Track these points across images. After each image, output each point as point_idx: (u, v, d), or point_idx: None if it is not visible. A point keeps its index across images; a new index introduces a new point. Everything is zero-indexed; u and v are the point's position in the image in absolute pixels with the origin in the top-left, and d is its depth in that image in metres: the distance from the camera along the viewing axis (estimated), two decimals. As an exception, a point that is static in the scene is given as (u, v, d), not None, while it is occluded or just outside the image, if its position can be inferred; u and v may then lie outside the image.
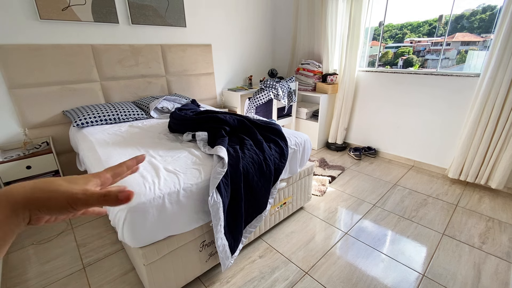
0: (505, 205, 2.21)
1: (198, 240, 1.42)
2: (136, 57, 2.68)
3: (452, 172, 2.55)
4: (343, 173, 2.83)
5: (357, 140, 3.47)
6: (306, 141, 1.95)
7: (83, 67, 2.39)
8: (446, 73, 2.57)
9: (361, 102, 3.29)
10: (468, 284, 1.49)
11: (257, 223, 1.61)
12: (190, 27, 3.07)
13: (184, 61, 3.06)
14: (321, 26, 3.33)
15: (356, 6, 2.89)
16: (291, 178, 1.92)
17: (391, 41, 3.17)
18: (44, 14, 2.13)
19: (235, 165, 1.43)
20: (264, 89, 2.92)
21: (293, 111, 3.42)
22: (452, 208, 2.18)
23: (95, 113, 2.22)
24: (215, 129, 1.76)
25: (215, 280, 1.54)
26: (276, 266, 1.63)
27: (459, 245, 1.78)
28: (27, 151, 2.08)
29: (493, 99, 2.21)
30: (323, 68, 3.44)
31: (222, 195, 1.32)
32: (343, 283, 1.51)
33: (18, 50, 2.07)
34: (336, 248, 1.77)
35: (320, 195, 2.38)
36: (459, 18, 2.57)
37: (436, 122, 2.72)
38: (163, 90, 2.97)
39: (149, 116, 2.50)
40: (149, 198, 1.17)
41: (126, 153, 1.60)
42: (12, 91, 2.11)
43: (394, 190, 2.47)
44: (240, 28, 3.62)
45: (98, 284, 1.52)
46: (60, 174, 2.22)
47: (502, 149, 2.26)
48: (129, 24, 2.60)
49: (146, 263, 1.23)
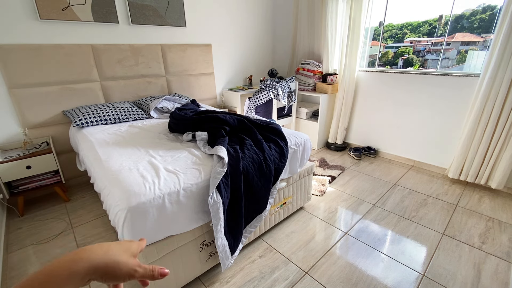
0: (505, 205, 2.21)
1: (198, 240, 1.42)
2: (136, 57, 2.68)
3: (452, 172, 2.55)
4: (343, 173, 2.83)
5: (357, 140, 3.47)
6: (306, 141, 1.95)
7: (83, 67, 2.39)
8: (446, 73, 2.57)
9: (361, 102, 3.29)
10: (468, 284, 1.49)
11: (257, 223, 1.61)
12: (190, 27, 3.07)
13: (184, 61, 3.06)
14: (321, 26, 3.33)
15: (356, 6, 2.89)
16: (291, 178, 1.92)
17: (391, 41, 3.17)
18: (44, 14, 2.13)
19: (235, 165, 1.43)
20: (264, 89, 2.92)
21: (293, 111, 3.42)
22: (452, 208, 2.18)
23: (95, 113, 2.22)
24: (215, 129, 1.76)
25: (215, 280, 1.54)
26: (276, 266, 1.63)
27: (459, 245, 1.78)
28: (27, 151, 2.08)
29: (493, 99, 2.21)
30: (323, 68, 3.44)
31: (222, 195, 1.32)
32: (343, 283, 1.51)
33: (18, 50, 2.07)
34: (336, 248, 1.77)
35: (320, 195, 2.38)
36: (459, 18, 2.57)
37: (436, 122, 2.72)
38: (163, 90, 2.97)
39: (149, 116, 2.50)
40: (149, 198, 1.17)
41: (126, 153, 1.60)
42: (12, 91, 2.11)
43: (394, 190, 2.47)
44: (240, 28, 3.62)
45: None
46: (60, 174, 2.22)
47: (502, 149, 2.26)
48: (129, 24, 2.60)
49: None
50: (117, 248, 0.37)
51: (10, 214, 2.17)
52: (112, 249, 0.36)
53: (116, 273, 0.35)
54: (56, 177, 2.22)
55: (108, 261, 0.35)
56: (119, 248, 0.37)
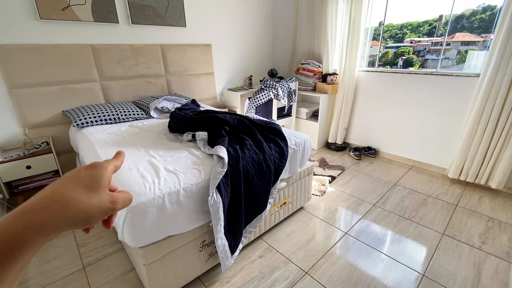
0: (505, 205, 2.21)
1: (198, 240, 1.42)
2: (136, 57, 2.68)
3: (452, 172, 2.55)
4: (343, 173, 2.83)
5: (357, 140, 3.47)
6: (306, 141, 1.95)
7: (83, 67, 2.39)
8: (446, 73, 2.57)
9: (361, 102, 3.29)
10: (468, 284, 1.49)
11: (257, 223, 1.61)
12: (190, 27, 3.07)
13: (184, 61, 3.06)
14: (321, 26, 3.33)
15: (356, 6, 2.89)
16: (291, 178, 1.91)
17: (391, 41, 3.17)
18: (44, 14, 2.13)
19: (235, 165, 1.43)
20: (264, 89, 2.91)
21: (293, 111, 3.42)
22: (452, 208, 2.18)
23: (95, 113, 2.22)
24: (215, 129, 1.76)
25: (215, 280, 1.54)
26: (276, 266, 1.63)
27: (459, 245, 1.78)
28: (27, 151, 2.08)
29: (493, 99, 2.21)
30: (323, 68, 3.44)
31: (222, 195, 1.32)
32: (343, 283, 1.51)
33: (18, 50, 2.07)
34: (336, 248, 1.77)
35: (320, 195, 2.38)
36: (459, 18, 2.57)
37: (436, 122, 2.72)
38: (163, 90, 2.97)
39: (149, 116, 2.50)
40: (149, 198, 1.17)
41: (126, 153, 1.60)
42: (12, 91, 2.11)
43: (394, 190, 2.47)
44: (240, 28, 3.62)
45: (98, 284, 1.52)
46: (60, 174, 2.22)
47: (502, 149, 2.26)
48: (129, 24, 2.60)
49: (146, 263, 1.23)
50: (79, 191, 0.29)
51: (10, 214, 2.17)
52: (71, 197, 0.28)
53: (88, 221, 0.29)
54: (56, 177, 2.22)
55: (72, 215, 0.27)
56: (82, 189, 0.29)
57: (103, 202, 0.30)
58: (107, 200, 0.30)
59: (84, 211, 0.28)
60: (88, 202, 0.29)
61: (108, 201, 0.30)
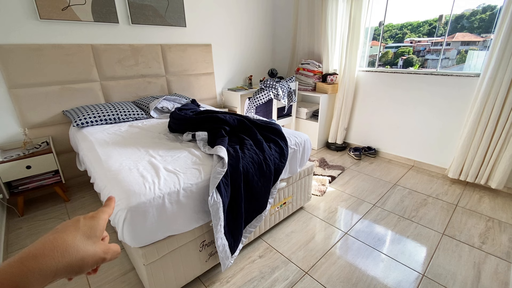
0: (505, 205, 2.21)
1: (198, 240, 1.42)
2: (136, 57, 2.68)
3: (452, 172, 2.55)
4: (343, 173, 2.83)
5: (357, 140, 3.47)
6: (306, 141, 1.95)
7: (83, 67, 2.39)
8: (446, 73, 2.57)
9: (361, 102, 3.29)
10: (468, 284, 1.49)
11: (257, 223, 1.61)
12: (190, 27, 3.07)
13: (184, 61, 3.06)
14: (321, 26, 3.33)
15: (356, 6, 2.89)
16: (291, 178, 1.91)
17: (391, 41, 3.17)
18: (44, 14, 2.13)
19: (235, 165, 1.43)
20: (264, 89, 2.92)
21: (293, 111, 3.42)
22: (452, 208, 2.18)
23: (95, 113, 2.22)
24: (215, 129, 1.76)
25: (215, 280, 1.54)
26: (276, 266, 1.63)
27: (459, 245, 1.78)
28: (27, 151, 2.08)
29: (493, 99, 2.21)
30: (323, 68, 3.44)
31: (222, 195, 1.32)
32: (343, 283, 1.51)
33: (18, 50, 2.07)
34: (336, 248, 1.77)
35: (320, 195, 2.38)
36: (459, 18, 2.57)
37: (436, 122, 2.72)
38: (163, 90, 2.97)
39: (149, 116, 2.50)
40: (149, 198, 1.17)
41: (126, 153, 1.60)
42: (12, 91, 2.11)
43: (394, 190, 2.47)
44: (240, 28, 3.62)
45: (98, 284, 1.52)
46: (60, 174, 2.22)
47: (502, 149, 2.26)
48: (129, 24, 2.60)
49: (146, 263, 1.23)
50: (78, 239, 0.31)
51: (10, 214, 2.17)
52: (72, 244, 0.30)
53: (82, 269, 0.30)
54: (56, 177, 2.22)
55: (70, 262, 0.29)
56: (81, 238, 0.31)
57: (98, 251, 0.33)
58: (101, 250, 0.33)
59: (81, 259, 0.30)
60: (85, 251, 0.31)
61: (101, 251, 0.33)
